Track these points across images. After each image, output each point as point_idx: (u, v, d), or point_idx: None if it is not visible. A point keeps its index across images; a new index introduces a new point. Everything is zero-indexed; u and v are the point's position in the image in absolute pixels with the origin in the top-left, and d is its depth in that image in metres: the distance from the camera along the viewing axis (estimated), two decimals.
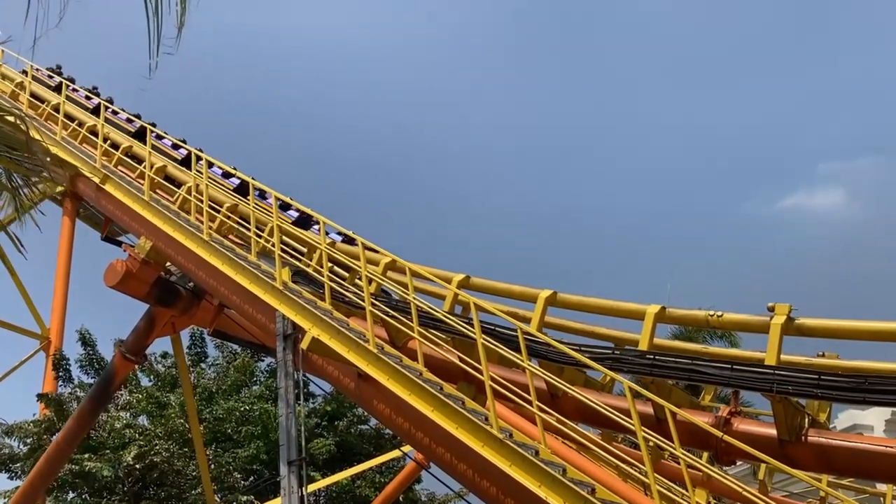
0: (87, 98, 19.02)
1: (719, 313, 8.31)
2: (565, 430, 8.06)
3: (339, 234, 13.27)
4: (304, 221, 14.27)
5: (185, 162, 14.89)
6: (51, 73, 20.35)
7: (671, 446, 7.21)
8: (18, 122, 7.52)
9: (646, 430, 7.43)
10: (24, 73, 19.10)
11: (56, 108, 16.83)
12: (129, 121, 17.85)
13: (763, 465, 12.39)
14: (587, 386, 9.66)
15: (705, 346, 9.58)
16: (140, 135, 16.24)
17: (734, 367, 7.86)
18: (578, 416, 9.08)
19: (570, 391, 8.54)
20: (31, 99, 17.59)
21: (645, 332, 8.69)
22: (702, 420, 7.98)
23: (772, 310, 7.95)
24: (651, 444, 7.54)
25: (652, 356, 8.36)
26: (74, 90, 18.92)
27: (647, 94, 52.38)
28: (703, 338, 19.73)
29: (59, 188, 20.23)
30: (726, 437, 7.43)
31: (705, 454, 9.15)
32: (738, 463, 9.46)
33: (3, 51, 20.21)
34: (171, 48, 3.86)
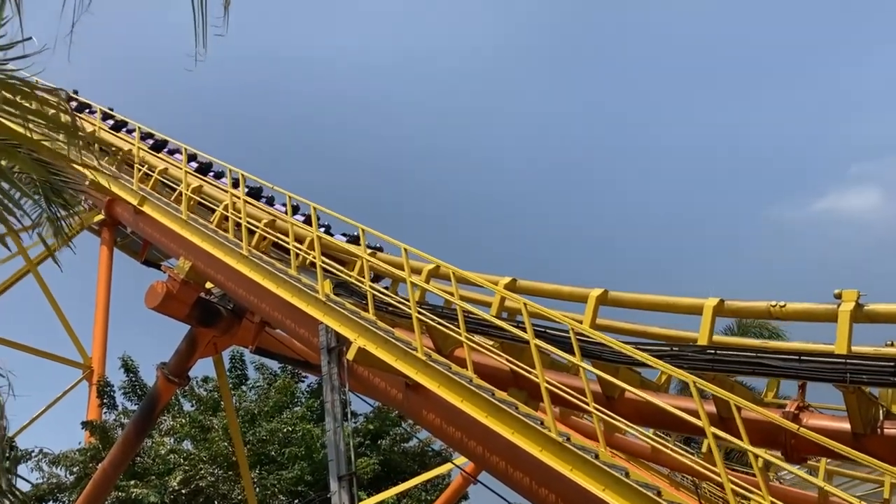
0: (104, 118, 19.22)
1: (782, 303, 7.95)
2: (620, 426, 7.72)
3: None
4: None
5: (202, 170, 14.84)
6: (70, 97, 20.60)
7: (740, 444, 6.88)
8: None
9: (714, 428, 7.09)
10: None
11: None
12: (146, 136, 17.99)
13: (823, 468, 11.94)
14: (644, 387, 9.34)
15: (765, 342, 9.20)
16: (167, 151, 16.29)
17: (802, 357, 7.50)
18: (637, 417, 8.71)
19: (628, 391, 8.24)
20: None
21: (704, 326, 8.35)
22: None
23: (838, 297, 7.59)
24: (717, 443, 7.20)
25: (713, 351, 8.03)
26: (91, 112, 19.13)
27: (670, 98, 51.82)
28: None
29: (98, 217, 20.45)
30: (802, 431, 7.04)
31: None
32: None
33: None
34: (220, 32, 3.69)
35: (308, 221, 14.01)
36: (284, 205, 13.43)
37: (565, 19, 52.30)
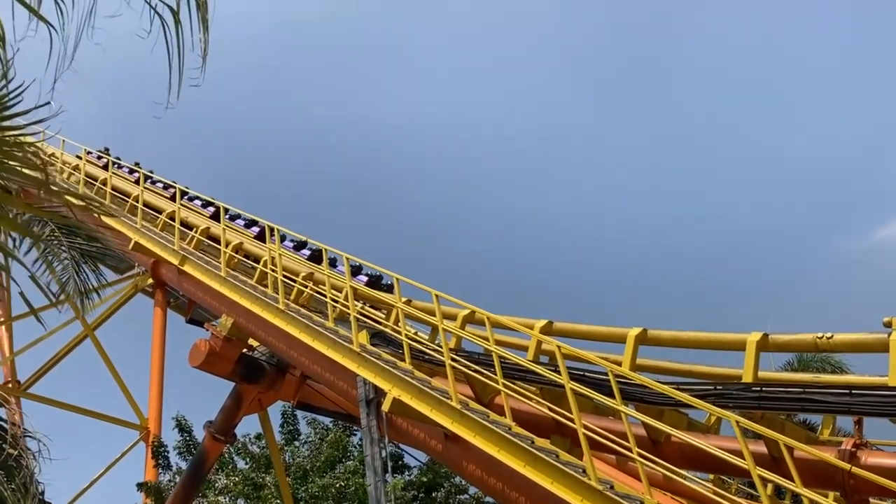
0: (130, 172, 19.91)
1: (829, 335, 7.54)
2: (669, 474, 7.32)
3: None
4: (375, 283, 14.13)
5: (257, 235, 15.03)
6: (100, 155, 21.42)
7: (792, 486, 6.47)
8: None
9: (762, 470, 6.70)
10: (106, 166, 19.89)
11: (136, 199, 17.31)
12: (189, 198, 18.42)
13: None
14: (691, 429, 8.94)
15: (816, 375, 8.73)
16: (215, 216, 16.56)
17: (853, 392, 7.06)
18: (685, 461, 8.33)
19: (673, 434, 7.88)
20: (113, 192, 18.13)
21: (748, 362, 7.96)
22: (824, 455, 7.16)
23: (888, 325, 7.15)
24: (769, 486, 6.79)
25: (759, 388, 7.62)
26: (119, 166, 19.84)
27: (723, 127, 50.81)
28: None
29: (150, 280, 20.83)
30: (855, 471, 6.58)
31: (831, 494, 8.23)
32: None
33: (64, 140, 21.23)
34: (196, 80, 3.64)
35: (372, 283, 14.09)
36: (333, 260, 13.50)
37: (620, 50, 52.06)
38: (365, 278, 14.29)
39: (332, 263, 13.62)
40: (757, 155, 49.10)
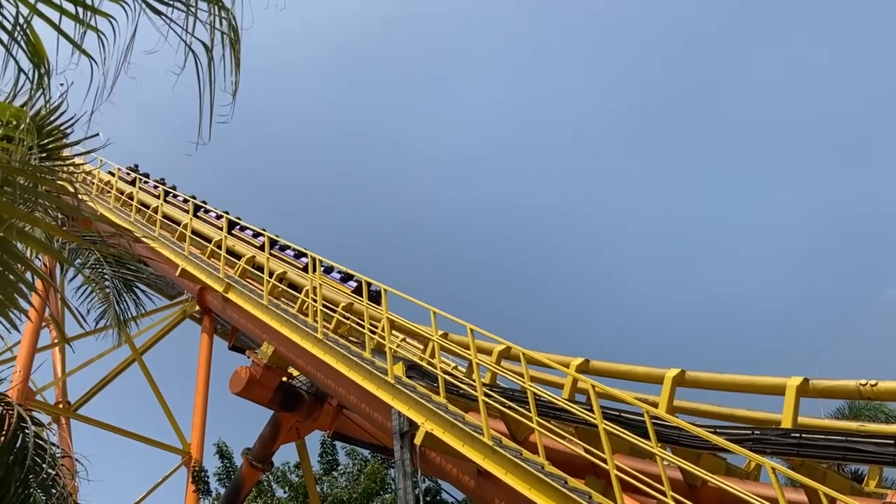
0: (156, 186, 20.57)
1: (873, 382, 7.30)
2: None
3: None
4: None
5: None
6: (129, 171, 22.25)
7: None
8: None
9: None
10: (157, 194, 20.41)
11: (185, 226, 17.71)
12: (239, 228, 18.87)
13: None
14: (729, 474, 8.70)
15: (862, 424, 8.43)
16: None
17: None
18: None
19: (710, 480, 7.67)
20: (163, 220, 18.56)
21: (787, 407, 7.75)
22: None
23: None
24: None
25: (798, 434, 7.39)
26: (145, 181, 20.52)
27: (766, 175, 49.75)
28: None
29: (198, 307, 21.21)
30: None
31: None
32: None
33: (101, 160, 21.97)
34: (225, 118, 3.72)
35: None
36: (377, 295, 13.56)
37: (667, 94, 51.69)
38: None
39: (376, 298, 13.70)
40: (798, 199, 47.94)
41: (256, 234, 18.68)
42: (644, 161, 51.54)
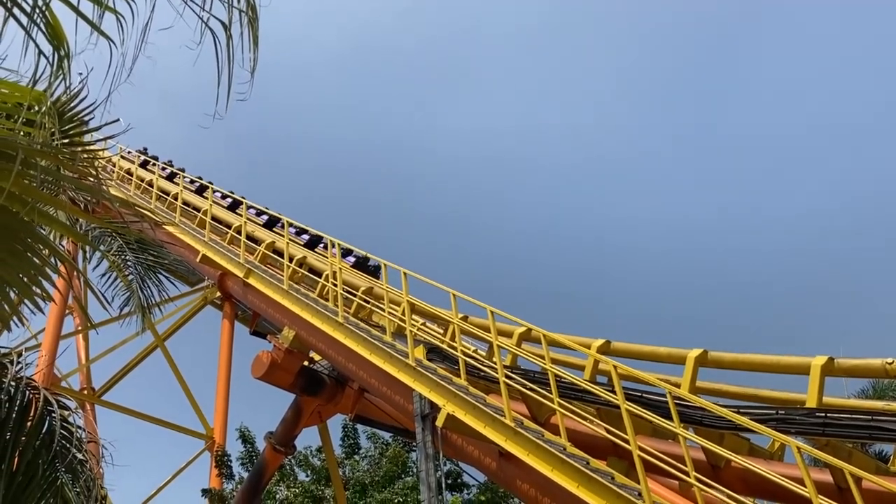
0: (164, 168, 20.85)
1: None
2: (728, 500, 7.07)
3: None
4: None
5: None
6: (139, 154, 22.43)
7: None
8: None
9: (825, 499, 6.43)
10: (175, 180, 20.54)
11: (205, 212, 17.80)
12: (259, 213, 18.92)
13: None
14: (752, 454, 8.65)
15: (888, 403, 8.34)
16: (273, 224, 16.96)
17: None
18: (744, 488, 8.04)
19: (734, 460, 7.63)
20: (184, 206, 18.65)
21: (812, 387, 7.68)
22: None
23: None
24: None
25: (823, 414, 7.33)
26: (156, 164, 20.75)
27: (815, 162, 48.54)
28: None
29: (219, 293, 21.35)
30: None
31: None
32: None
33: (122, 148, 22.14)
34: (244, 94, 3.71)
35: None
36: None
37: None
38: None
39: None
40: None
41: (260, 213, 19.00)
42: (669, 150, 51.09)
